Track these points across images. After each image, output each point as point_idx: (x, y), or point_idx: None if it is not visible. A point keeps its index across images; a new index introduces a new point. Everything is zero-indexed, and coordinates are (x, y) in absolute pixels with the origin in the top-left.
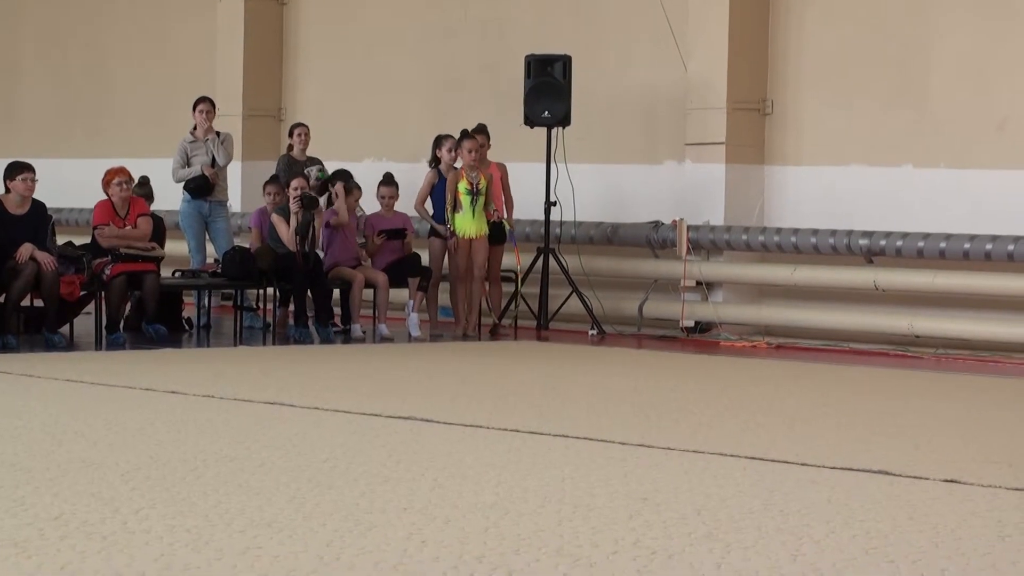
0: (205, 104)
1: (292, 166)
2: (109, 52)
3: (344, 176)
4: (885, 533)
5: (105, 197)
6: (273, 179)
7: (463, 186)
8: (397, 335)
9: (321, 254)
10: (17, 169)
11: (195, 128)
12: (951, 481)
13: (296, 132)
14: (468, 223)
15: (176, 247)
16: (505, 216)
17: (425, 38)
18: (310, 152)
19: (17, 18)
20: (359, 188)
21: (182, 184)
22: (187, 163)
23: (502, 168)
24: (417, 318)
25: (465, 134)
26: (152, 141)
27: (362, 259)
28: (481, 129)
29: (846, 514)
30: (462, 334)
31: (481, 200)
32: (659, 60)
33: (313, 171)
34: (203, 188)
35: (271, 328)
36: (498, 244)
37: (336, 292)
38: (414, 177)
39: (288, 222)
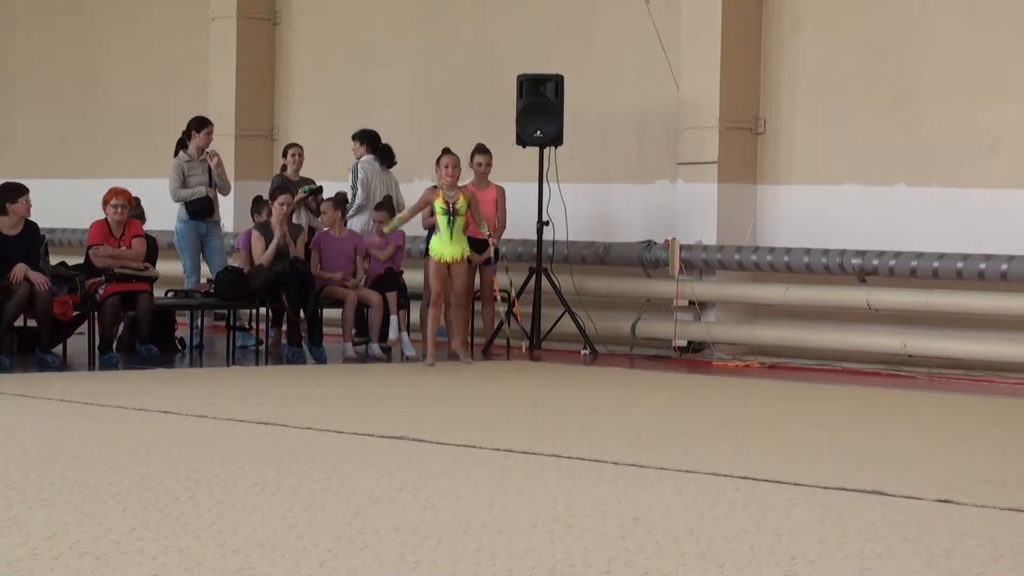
0: (211, 127)
1: (286, 185)
2: (102, 72)
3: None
4: (879, 553)
5: (104, 216)
6: (259, 200)
7: (439, 205)
8: (391, 354)
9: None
10: (16, 191)
11: (189, 148)
12: (945, 501)
13: (290, 152)
14: (444, 246)
15: (169, 267)
16: (493, 239)
17: (417, 57)
18: (303, 172)
19: (10, 38)
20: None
21: (179, 204)
22: (184, 183)
23: (500, 191)
24: (407, 337)
25: (445, 151)
26: (145, 161)
27: (354, 275)
28: (481, 148)
29: (839, 534)
30: (430, 363)
31: (459, 222)
32: (651, 79)
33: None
34: (207, 209)
35: (264, 346)
36: (485, 264)
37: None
38: (405, 197)
39: (265, 240)
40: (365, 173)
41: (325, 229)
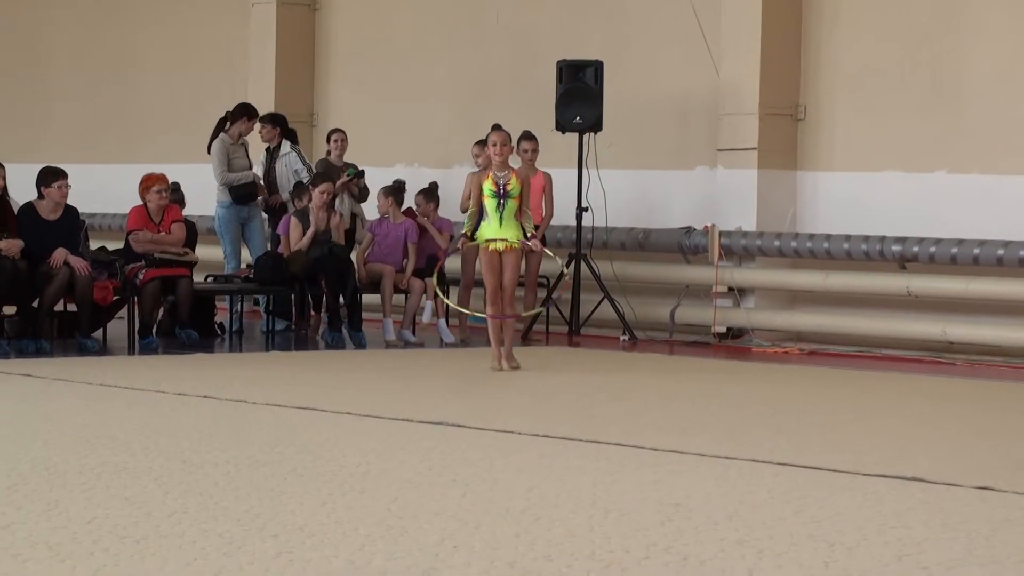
0: (256, 119)
1: (330, 171)
2: (141, 58)
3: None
4: (918, 540)
5: (141, 202)
6: (299, 186)
7: (487, 187)
8: (428, 340)
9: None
10: (51, 175)
11: (230, 131)
12: (985, 488)
13: (333, 138)
14: (494, 232)
15: (208, 252)
16: (536, 242)
17: (456, 44)
18: (346, 157)
19: (49, 25)
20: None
21: (219, 189)
22: (229, 166)
23: (547, 177)
24: (445, 323)
25: (495, 127)
26: (183, 147)
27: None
28: (527, 135)
29: (879, 521)
30: (496, 368)
31: (511, 205)
32: (691, 65)
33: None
34: (251, 195)
35: (297, 330)
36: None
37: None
38: (445, 181)
39: (303, 226)
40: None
41: (380, 216)
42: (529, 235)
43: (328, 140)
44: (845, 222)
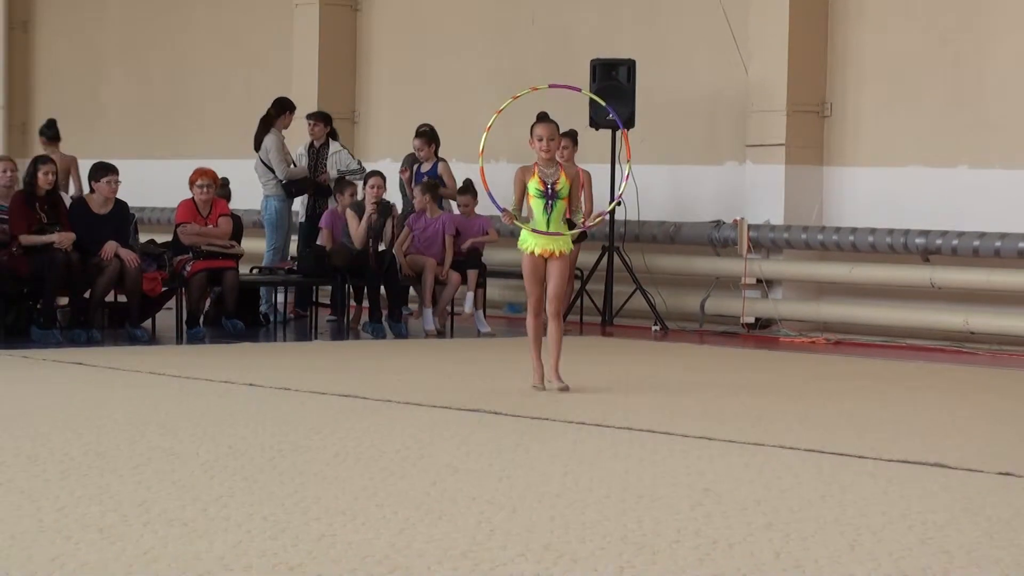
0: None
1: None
2: (190, 57)
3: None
4: (940, 524)
5: (191, 194)
6: (341, 180)
7: (534, 186)
8: (463, 330)
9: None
10: (102, 171)
11: (278, 126)
12: (1005, 474)
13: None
14: (539, 237)
15: (254, 245)
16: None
17: (494, 43)
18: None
19: (102, 25)
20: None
21: (272, 183)
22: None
23: (586, 175)
24: (483, 315)
25: (540, 117)
26: (230, 143)
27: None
28: (568, 133)
29: (903, 505)
30: (538, 387)
31: (559, 207)
32: (720, 64)
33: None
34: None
35: (338, 320)
36: (576, 242)
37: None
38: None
39: (360, 219)
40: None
41: (417, 211)
42: (580, 222)
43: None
44: (870, 215)
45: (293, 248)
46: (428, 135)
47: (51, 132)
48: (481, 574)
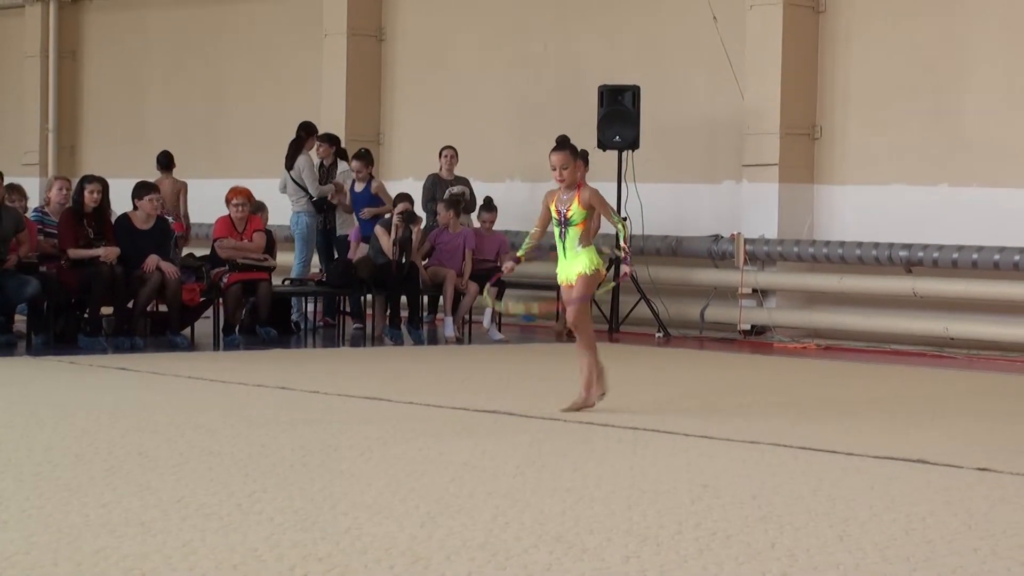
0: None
1: (437, 185)
2: (227, 83)
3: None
4: (923, 516)
5: (227, 213)
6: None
7: (552, 212)
8: (480, 337)
9: (424, 262)
10: (144, 189)
11: (308, 149)
12: (983, 469)
13: (444, 154)
14: (560, 266)
15: (287, 258)
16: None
17: (509, 70)
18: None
19: (145, 54)
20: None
21: (303, 199)
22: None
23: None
24: (497, 329)
25: (556, 144)
26: (263, 163)
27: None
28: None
29: (887, 499)
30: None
31: (573, 234)
32: (719, 90)
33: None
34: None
35: (363, 328)
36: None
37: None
38: (498, 195)
39: (390, 234)
40: None
41: (440, 226)
42: (623, 254)
43: (440, 156)
44: (857, 230)
45: (314, 260)
46: (366, 157)
47: (164, 160)
48: (497, 564)
